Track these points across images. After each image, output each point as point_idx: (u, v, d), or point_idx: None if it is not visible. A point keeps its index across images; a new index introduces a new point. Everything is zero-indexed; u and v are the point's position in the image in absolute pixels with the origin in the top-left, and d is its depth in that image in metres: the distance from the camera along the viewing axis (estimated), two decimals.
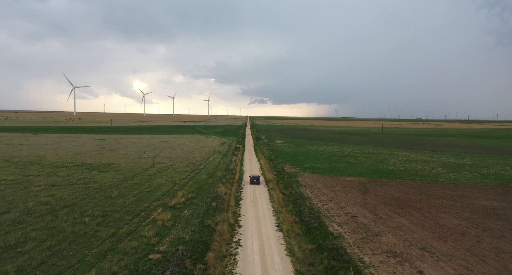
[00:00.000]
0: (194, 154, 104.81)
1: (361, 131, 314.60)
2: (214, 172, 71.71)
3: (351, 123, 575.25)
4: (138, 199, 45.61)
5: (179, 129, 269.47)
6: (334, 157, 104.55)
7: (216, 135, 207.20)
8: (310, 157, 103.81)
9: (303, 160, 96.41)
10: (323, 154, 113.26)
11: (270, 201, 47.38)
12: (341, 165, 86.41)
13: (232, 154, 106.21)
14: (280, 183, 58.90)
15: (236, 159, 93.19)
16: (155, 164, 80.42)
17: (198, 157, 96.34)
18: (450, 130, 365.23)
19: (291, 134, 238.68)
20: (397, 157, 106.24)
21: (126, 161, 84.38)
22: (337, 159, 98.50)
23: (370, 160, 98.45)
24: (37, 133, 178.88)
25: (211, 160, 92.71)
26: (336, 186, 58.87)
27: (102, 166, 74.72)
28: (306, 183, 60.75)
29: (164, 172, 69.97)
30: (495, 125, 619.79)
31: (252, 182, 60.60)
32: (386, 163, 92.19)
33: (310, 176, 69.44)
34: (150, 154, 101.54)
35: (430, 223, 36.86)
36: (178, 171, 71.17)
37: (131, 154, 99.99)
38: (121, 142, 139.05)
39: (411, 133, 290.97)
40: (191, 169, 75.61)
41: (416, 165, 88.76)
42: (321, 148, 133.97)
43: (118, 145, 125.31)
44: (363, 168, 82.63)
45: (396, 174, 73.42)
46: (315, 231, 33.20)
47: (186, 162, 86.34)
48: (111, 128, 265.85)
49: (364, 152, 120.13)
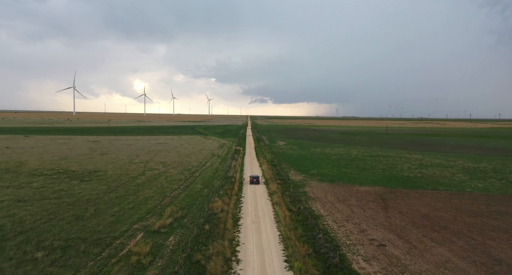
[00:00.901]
0: (191, 158, 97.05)
1: (364, 131, 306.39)
2: (211, 181, 63.92)
3: (353, 123, 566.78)
4: (116, 219, 37.82)
5: (178, 130, 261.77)
6: (341, 161, 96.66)
7: (215, 136, 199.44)
8: (316, 161, 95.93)
9: (309, 165, 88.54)
10: (329, 157, 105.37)
11: (275, 221, 39.51)
12: (350, 171, 78.53)
13: (231, 158, 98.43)
14: (286, 195, 51.09)
15: (236, 164, 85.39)
16: (146, 171, 72.66)
17: (194, 162, 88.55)
18: (454, 130, 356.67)
19: (293, 135, 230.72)
20: (410, 161, 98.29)
21: (114, 167, 76.64)
22: (345, 164, 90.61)
23: (381, 164, 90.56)
24: (29, 135, 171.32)
25: (209, 165, 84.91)
26: (350, 198, 51.03)
27: (86, 174, 66.98)
28: (316, 195, 52.89)
29: (154, 181, 62.20)
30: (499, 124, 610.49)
31: (252, 182, 63.03)
32: (399, 168, 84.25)
33: (319, 185, 61.58)
34: (143, 158, 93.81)
35: (481, 257, 28.99)
36: (171, 180, 63.38)
37: (122, 158, 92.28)
38: (115, 145, 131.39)
39: (416, 132, 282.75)
40: (186, 176, 67.80)
41: (433, 170, 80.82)
42: (326, 151, 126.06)
43: (110, 148, 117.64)
44: (376, 174, 74.77)
45: (414, 182, 65.50)
46: (336, 273, 25.36)
47: (180, 168, 78.55)
48: (109, 128, 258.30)
49: (372, 155, 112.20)
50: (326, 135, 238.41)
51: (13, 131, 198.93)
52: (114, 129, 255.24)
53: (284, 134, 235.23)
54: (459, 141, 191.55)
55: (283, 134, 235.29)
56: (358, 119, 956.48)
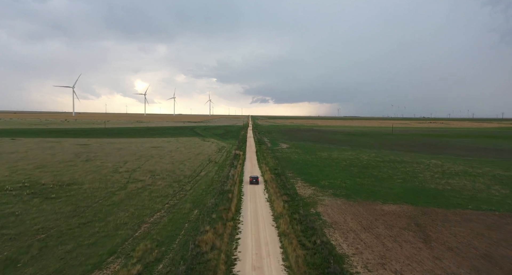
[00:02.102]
0: (185, 165, 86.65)
1: (369, 131, 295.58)
2: (204, 197, 53.49)
3: (355, 123, 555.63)
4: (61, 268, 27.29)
5: (177, 131, 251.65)
6: (353, 168, 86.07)
7: (215, 138, 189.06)
8: (325, 168, 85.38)
9: (317, 173, 78.03)
10: (338, 163, 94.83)
11: (285, 266, 29.01)
12: (367, 182, 68.01)
13: (230, 164, 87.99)
14: (295, 219, 40.63)
15: (235, 173, 74.92)
16: (129, 183, 62.28)
17: (188, 171, 78.12)
18: (461, 130, 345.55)
19: (296, 136, 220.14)
20: (429, 168, 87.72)
21: (94, 178, 66.27)
22: (358, 172, 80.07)
23: (399, 172, 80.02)
24: (16, 138, 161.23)
25: (204, 174, 74.46)
26: (376, 224, 40.52)
27: (57, 189, 56.60)
28: (333, 219, 42.40)
29: (135, 197, 51.81)
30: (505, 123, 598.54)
31: (251, 183, 64.09)
32: (421, 177, 73.70)
33: (334, 202, 51.07)
34: (130, 166, 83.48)
35: None
36: (155, 196, 52.95)
37: (107, 166, 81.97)
38: (105, 149, 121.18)
39: (423, 133, 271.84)
40: (174, 191, 57.36)
41: (462, 180, 70.26)
42: (334, 155, 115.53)
43: (98, 153, 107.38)
44: (397, 186, 64.25)
45: (446, 197, 54.91)
46: None
47: (170, 178, 68.12)
48: (104, 130, 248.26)
49: (385, 160, 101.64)
50: (330, 136, 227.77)
51: (1, 133, 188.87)
52: (110, 130, 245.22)
53: (286, 136, 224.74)
54: (471, 143, 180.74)
55: (285, 136, 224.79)
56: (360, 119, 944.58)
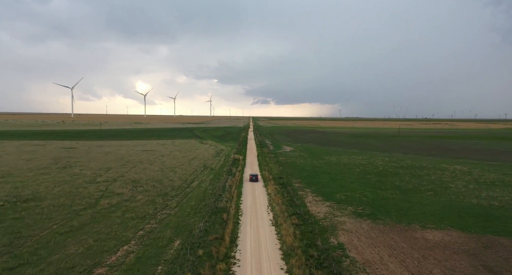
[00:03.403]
0: (176, 173, 75.27)
1: (374, 133, 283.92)
2: (191, 219, 41.98)
3: (358, 124, 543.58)
4: None
5: (175, 133, 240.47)
6: (369, 176, 74.56)
7: (213, 140, 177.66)
8: (337, 176, 73.84)
9: (330, 183, 66.50)
10: (351, 170, 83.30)
11: None
12: (391, 195, 56.47)
13: (228, 172, 76.57)
14: (312, 258, 29.19)
15: (233, 183, 63.41)
16: (103, 198, 50.84)
17: (178, 180, 66.69)
18: (469, 131, 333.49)
19: (299, 138, 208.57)
20: (456, 175, 76.21)
21: (62, 191, 54.84)
22: (376, 181, 68.56)
23: (424, 181, 68.52)
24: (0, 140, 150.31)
25: (196, 185, 62.95)
26: (428, 267, 28.94)
27: (7, 207, 45.18)
28: (363, 257, 30.83)
29: (102, 221, 40.39)
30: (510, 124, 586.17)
31: (251, 180, 63.62)
32: (453, 188, 62.14)
33: (358, 226, 39.53)
34: (112, 174, 72.16)
35: None
36: (129, 218, 41.50)
37: (84, 175, 70.65)
38: (91, 153, 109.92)
39: (432, 135, 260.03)
40: (155, 209, 45.87)
41: (506, 193, 58.66)
42: (344, 159, 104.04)
43: (81, 158, 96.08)
44: (429, 200, 52.70)
45: (502, 219, 43.19)
46: None
47: (155, 191, 56.65)
48: (99, 131, 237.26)
49: (402, 166, 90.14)
50: (334, 138, 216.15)
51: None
52: (105, 132, 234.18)
53: (289, 137, 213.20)
54: (486, 145, 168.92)
55: (288, 137, 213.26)
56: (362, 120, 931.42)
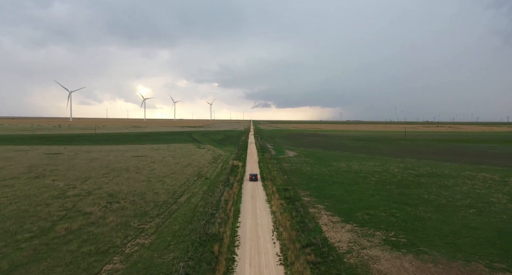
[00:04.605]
0: (164, 183, 64.86)
1: (379, 136, 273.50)
2: (169, 255, 31.51)
3: (360, 127, 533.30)
4: None
5: (172, 137, 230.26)
6: (389, 187, 64.06)
7: (212, 145, 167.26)
8: (351, 186, 63.29)
9: (345, 196, 55.96)
10: (366, 179, 72.87)
11: None
12: (425, 214, 45.95)
13: (224, 182, 66.12)
14: None
15: (229, 197, 52.90)
16: (63, 220, 40.38)
17: (164, 194, 56.22)
18: (476, 134, 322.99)
19: (302, 142, 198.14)
20: (490, 185, 65.84)
21: (16, 210, 44.42)
22: (399, 193, 58.11)
23: (457, 194, 58.11)
24: None
25: (184, 200, 52.41)
26: None
27: None
28: None
29: (48, 257, 29.96)
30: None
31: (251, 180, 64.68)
32: (497, 204, 51.65)
33: (399, 267, 29.05)
34: (88, 185, 61.76)
35: None
36: (86, 253, 31.02)
37: (55, 187, 60.29)
38: (74, 159, 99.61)
39: (439, 138, 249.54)
40: (124, 239, 35.29)
41: None
42: (354, 166, 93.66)
43: (60, 166, 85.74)
44: (475, 221, 42.28)
45: None
46: None
47: (133, 209, 46.18)
48: (93, 136, 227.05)
49: (422, 174, 79.77)
50: (338, 141, 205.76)
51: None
52: (99, 136, 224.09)
53: (291, 141, 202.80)
54: (503, 149, 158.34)
55: (290, 141, 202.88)
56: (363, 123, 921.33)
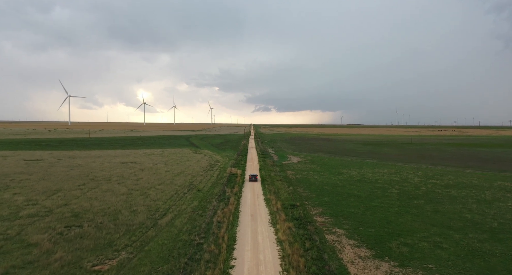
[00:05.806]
0: (147, 197, 54.07)
1: (384, 140, 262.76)
2: None
3: (362, 131, 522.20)
4: None
5: (169, 141, 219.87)
6: (417, 202, 53.21)
7: (210, 150, 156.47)
8: (371, 201, 52.39)
9: (366, 215, 45.11)
10: (386, 190, 62.05)
11: None
12: (481, 244, 35.13)
13: (219, 196, 55.28)
14: None
15: (224, 217, 42.02)
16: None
17: (144, 212, 45.43)
18: (484, 138, 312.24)
19: (305, 146, 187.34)
20: None
21: None
22: (434, 212, 47.30)
23: (507, 213, 47.28)
24: None
25: (166, 222, 41.48)
26: None
27: None
28: None
29: None
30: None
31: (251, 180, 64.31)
32: None
33: None
34: (53, 201, 51.01)
35: None
36: None
37: (12, 203, 49.57)
38: (54, 167, 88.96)
39: (448, 142, 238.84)
40: None
41: None
42: (367, 173, 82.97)
43: (33, 175, 75.10)
44: None
45: None
46: None
47: (96, 237, 35.39)
48: (86, 140, 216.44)
49: (448, 184, 69.06)
50: (343, 146, 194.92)
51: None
52: (93, 140, 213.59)
53: (294, 146, 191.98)
54: None
55: (292, 146, 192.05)
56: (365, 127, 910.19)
